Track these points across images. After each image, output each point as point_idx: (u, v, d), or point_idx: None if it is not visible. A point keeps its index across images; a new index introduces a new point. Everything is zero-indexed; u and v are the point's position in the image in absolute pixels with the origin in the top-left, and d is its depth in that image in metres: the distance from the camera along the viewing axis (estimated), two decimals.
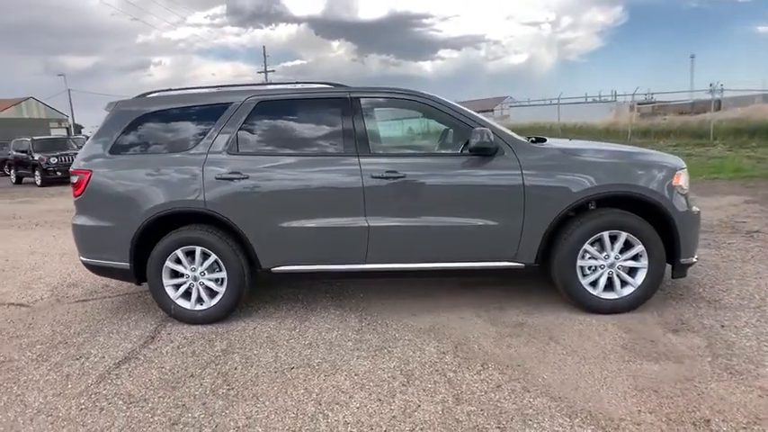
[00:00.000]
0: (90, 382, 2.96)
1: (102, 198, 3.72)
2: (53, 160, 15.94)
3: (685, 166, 3.70)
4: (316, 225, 3.59)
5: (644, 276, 3.54)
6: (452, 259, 3.64)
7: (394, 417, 2.50)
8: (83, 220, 3.78)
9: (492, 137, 3.42)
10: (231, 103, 3.71)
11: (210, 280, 3.70)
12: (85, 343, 3.51)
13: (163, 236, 3.67)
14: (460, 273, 3.73)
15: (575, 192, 3.45)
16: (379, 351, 3.22)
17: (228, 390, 2.82)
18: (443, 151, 3.77)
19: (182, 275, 3.71)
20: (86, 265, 3.90)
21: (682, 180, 3.54)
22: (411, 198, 3.57)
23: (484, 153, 3.47)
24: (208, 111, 3.74)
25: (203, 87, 3.93)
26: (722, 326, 3.32)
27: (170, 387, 2.87)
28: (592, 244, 3.53)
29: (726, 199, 7.84)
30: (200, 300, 3.73)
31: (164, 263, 3.67)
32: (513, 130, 3.86)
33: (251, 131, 3.69)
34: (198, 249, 3.65)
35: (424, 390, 2.73)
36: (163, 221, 3.66)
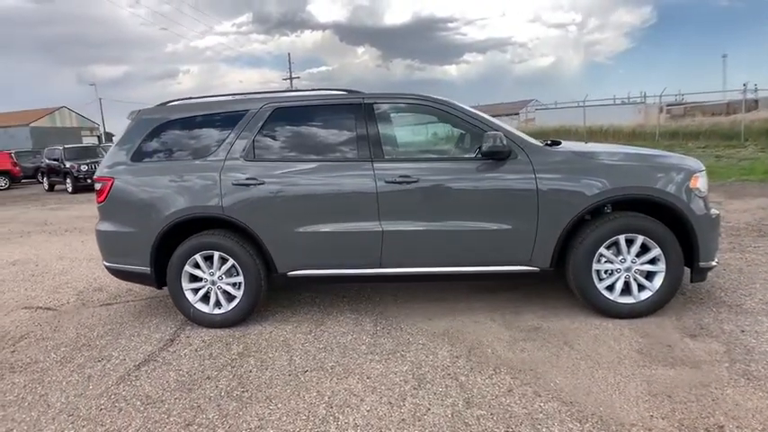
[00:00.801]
0: (110, 383, 3.06)
1: (124, 204, 3.84)
2: (84, 168, 16.40)
3: (704, 168, 3.62)
4: (330, 230, 3.64)
5: (661, 280, 3.48)
6: (466, 263, 3.64)
7: (403, 420, 2.51)
8: (106, 226, 3.91)
9: (504, 141, 3.41)
10: (248, 110, 3.80)
11: (228, 284, 3.78)
12: (108, 345, 3.62)
13: (182, 241, 3.77)
14: (475, 277, 3.73)
15: (589, 195, 3.42)
16: (393, 355, 3.24)
17: (243, 392, 2.88)
18: (457, 156, 3.77)
19: (200, 280, 3.80)
20: (109, 269, 4.03)
21: (700, 183, 3.48)
22: (424, 203, 3.58)
23: (496, 157, 3.47)
24: (226, 118, 3.83)
25: (222, 95, 4.01)
26: (742, 331, 3.23)
27: (186, 389, 2.94)
28: (608, 248, 3.49)
29: (755, 201, 7.62)
30: (218, 304, 3.81)
31: (183, 267, 3.76)
32: (538, 134, 3.88)
33: (267, 138, 3.76)
34: (216, 254, 3.73)
35: (434, 393, 2.74)
36: (182, 227, 3.76)
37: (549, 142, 4.13)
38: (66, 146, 18.67)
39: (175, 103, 4.02)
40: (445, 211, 3.57)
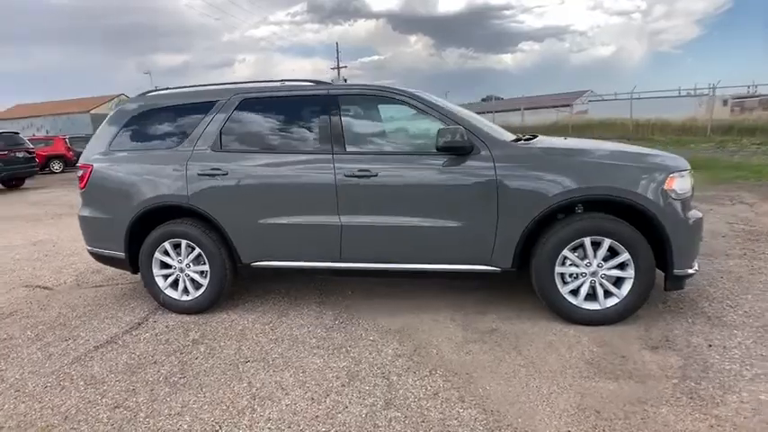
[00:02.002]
0: (65, 362, 3.21)
1: (101, 191, 4.00)
2: None
3: (685, 168, 3.35)
4: (291, 222, 3.64)
5: (630, 287, 3.27)
6: (426, 261, 3.55)
7: (316, 417, 2.49)
8: (86, 212, 4.09)
9: (464, 135, 3.29)
10: (217, 101, 3.85)
11: (195, 272, 3.87)
12: (81, 326, 3.80)
13: (154, 228, 3.88)
14: (436, 275, 3.63)
15: (552, 194, 3.25)
16: (338, 350, 3.22)
17: (180, 378, 2.95)
18: (419, 150, 3.66)
19: (170, 267, 3.91)
20: (91, 253, 4.21)
21: (677, 184, 3.22)
22: (383, 197, 3.52)
23: (456, 152, 3.35)
24: (196, 108, 3.89)
25: (198, 86, 4.08)
26: (710, 345, 2.99)
27: (130, 372, 3.05)
28: (573, 250, 3.31)
29: None
30: (186, 291, 3.91)
31: (154, 254, 3.88)
32: (582, 126, 3.76)
33: (233, 129, 3.80)
34: (183, 242, 3.82)
35: (359, 392, 2.70)
36: (153, 214, 3.87)
37: (527, 137, 3.97)
38: None
39: (154, 93, 4.13)
40: (404, 207, 3.49)
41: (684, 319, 3.38)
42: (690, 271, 3.29)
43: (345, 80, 40.81)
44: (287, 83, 3.88)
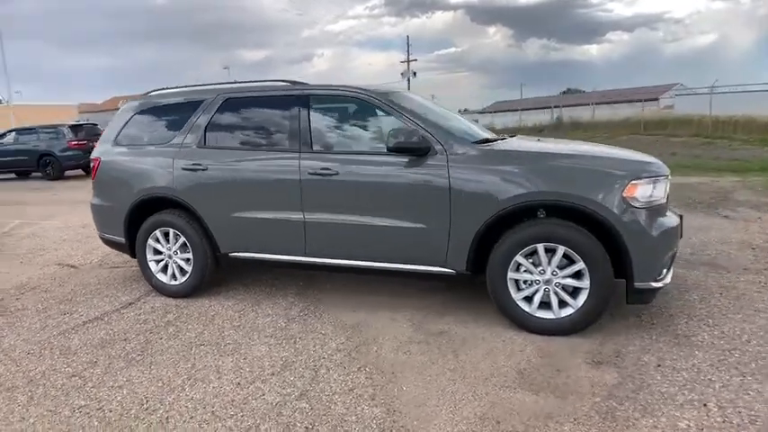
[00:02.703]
0: (54, 333, 3.61)
1: (106, 182, 4.41)
2: None
3: (656, 174, 3.14)
4: (262, 216, 3.83)
5: (585, 298, 3.12)
6: (384, 259, 3.59)
7: (232, 401, 2.65)
8: (96, 200, 4.53)
9: (416, 136, 3.29)
10: (204, 99, 4.10)
11: (182, 259, 4.17)
12: (83, 302, 4.23)
13: (148, 217, 4.23)
14: (394, 274, 3.66)
15: (503, 198, 3.18)
16: (288, 340, 3.36)
17: (138, 355, 3.23)
18: (379, 150, 3.69)
19: (161, 253, 4.24)
20: (101, 238, 4.65)
21: (640, 191, 3.02)
22: (343, 196, 3.60)
23: (408, 152, 3.36)
24: (187, 107, 4.18)
25: (192, 86, 4.36)
26: (659, 365, 2.81)
27: (101, 346, 3.38)
28: (528, 256, 3.22)
29: None
30: (174, 276, 4.22)
31: (147, 240, 4.23)
32: (655, 123, 3.74)
33: (216, 126, 4.04)
34: (171, 231, 4.14)
35: (283, 381, 2.83)
36: (148, 204, 4.21)
37: (503, 137, 3.89)
38: None
39: (155, 92, 4.47)
40: (363, 206, 3.56)
41: (649, 335, 3.18)
42: (654, 285, 3.09)
43: (414, 74, 39.89)
44: (267, 83, 4.05)
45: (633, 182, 3.03)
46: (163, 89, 4.50)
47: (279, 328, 3.56)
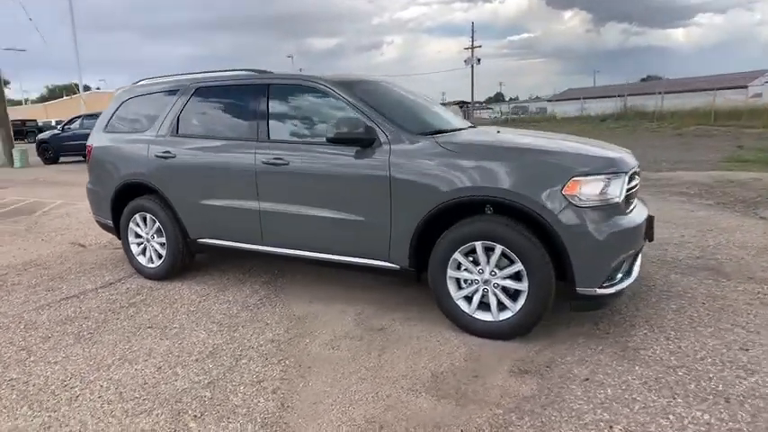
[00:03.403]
0: (30, 308, 3.87)
1: (96, 167, 4.66)
2: None
3: (609, 171, 2.86)
4: (222, 205, 3.89)
5: (524, 301, 2.93)
6: (332, 252, 3.54)
7: (144, 384, 2.73)
8: (90, 185, 4.79)
9: (358, 127, 3.19)
10: (179, 89, 4.21)
11: (158, 243, 4.34)
12: (72, 280, 4.51)
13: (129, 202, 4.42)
14: (344, 266, 3.59)
15: (441, 193, 3.03)
16: (229, 328, 3.41)
17: (89, 333, 3.39)
18: (325, 140, 3.59)
19: (140, 236, 4.43)
20: (96, 220, 4.92)
21: (583, 188, 2.77)
22: (293, 186, 3.58)
23: (350, 143, 3.28)
24: (164, 96, 4.30)
25: (172, 75, 4.48)
26: (586, 379, 2.58)
27: (63, 323, 3.58)
28: (468, 254, 3.06)
29: None
30: (151, 259, 4.40)
31: (128, 224, 4.44)
32: (728, 113, 3.55)
33: (187, 115, 4.13)
34: (148, 216, 4.30)
35: (201, 369, 2.87)
36: (129, 189, 4.40)
37: (470, 126, 3.72)
38: None
39: (142, 82, 4.64)
40: (310, 196, 3.52)
41: (596, 345, 2.93)
42: (600, 291, 2.83)
43: (479, 60, 39.08)
44: (236, 72, 4.07)
45: (576, 178, 2.77)
46: (150, 78, 4.65)
47: (229, 315, 3.61)
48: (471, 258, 3.06)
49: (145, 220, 4.36)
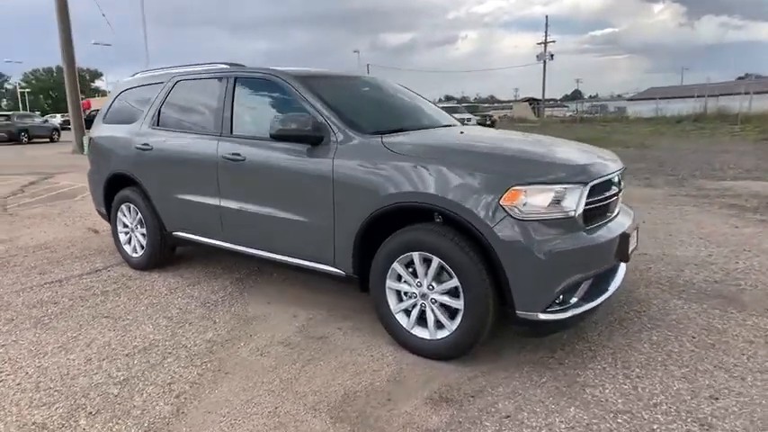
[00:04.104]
0: (14, 290, 4.05)
1: (94, 157, 4.82)
2: None
3: (560, 180, 2.51)
4: (191, 199, 3.88)
5: (460, 320, 2.65)
6: (285, 253, 3.42)
7: (65, 375, 2.73)
8: (89, 174, 4.97)
9: (303, 124, 3.02)
10: (162, 82, 4.24)
11: (140, 234, 4.42)
12: (68, 265, 4.70)
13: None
14: (297, 269, 3.44)
15: (379, 197, 2.81)
16: (177, 324, 3.37)
17: (49, 319, 3.48)
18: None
19: (127, 226, 4.53)
20: (95, 209, 5.10)
21: (524, 199, 2.45)
22: (248, 183, 3.49)
23: (293, 140, 3.13)
24: (151, 88, 4.36)
25: (162, 68, 4.52)
26: (507, 416, 2.28)
27: (33, 306, 3.71)
28: (409, 265, 2.82)
29: None
30: (135, 249, 4.49)
31: (117, 214, 4.55)
32: None
33: (167, 108, 4.16)
34: (131, 206, 4.39)
35: (123, 365, 2.84)
36: (117, 180, 4.51)
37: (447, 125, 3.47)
38: None
39: (138, 74, 4.73)
40: (264, 195, 3.41)
41: (540, 377, 2.60)
42: (544, 317, 2.49)
43: (552, 56, 37.80)
44: (212, 66, 4.03)
45: (516, 187, 2.45)
46: (146, 71, 4.74)
47: (185, 311, 3.59)
48: (411, 270, 2.81)
49: (130, 210, 4.44)
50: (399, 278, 2.86)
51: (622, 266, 3.20)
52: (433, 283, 2.72)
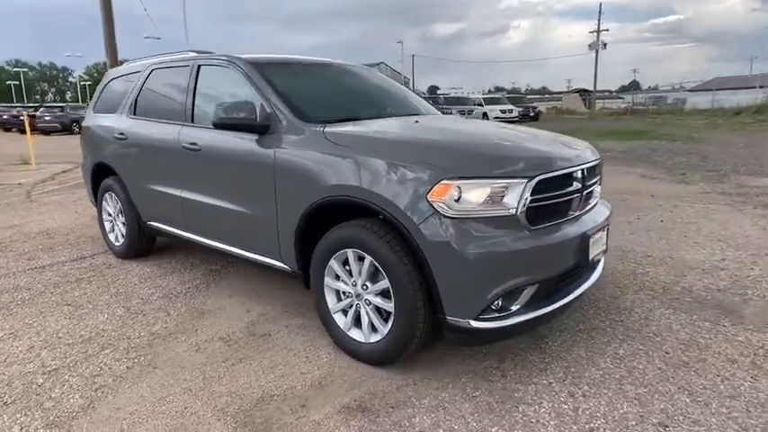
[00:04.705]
0: (3, 273, 4.17)
1: (84, 147, 4.89)
2: None
3: (500, 174, 2.26)
4: (158, 189, 3.84)
5: (391, 323, 2.46)
6: (238, 246, 3.32)
7: (3, 362, 2.74)
8: (82, 163, 5.05)
9: (248, 113, 2.88)
10: (140, 71, 4.23)
11: (121, 223, 4.44)
12: (58, 251, 4.80)
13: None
14: (251, 262, 3.33)
15: (314, 190, 2.65)
16: (131, 315, 3.34)
17: (15, 305, 3.53)
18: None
19: (111, 215, 4.58)
20: (89, 199, 5.19)
21: (456, 194, 2.21)
22: (203, 173, 3.40)
23: (236, 129, 3.00)
24: (132, 77, 4.35)
25: (144, 58, 4.51)
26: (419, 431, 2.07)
27: (5, 291, 3.79)
28: (345, 263, 2.65)
29: None
30: (117, 237, 4.53)
31: (102, 203, 4.61)
32: None
33: (142, 97, 4.14)
34: (113, 196, 4.42)
35: (61, 354, 2.82)
36: (101, 169, 4.54)
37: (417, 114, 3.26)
38: None
39: (125, 65, 4.75)
40: (218, 185, 3.31)
41: (472, 389, 2.38)
42: (477, 324, 2.26)
43: (605, 45, 36.18)
44: (185, 54, 3.96)
45: (446, 182, 2.22)
46: (134, 61, 4.75)
47: (145, 302, 3.56)
48: (349, 268, 2.64)
49: (112, 199, 4.48)
50: (338, 277, 2.70)
51: (598, 270, 2.91)
52: (368, 283, 2.54)
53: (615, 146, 13.52)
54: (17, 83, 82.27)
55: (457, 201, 2.21)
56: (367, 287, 2.54)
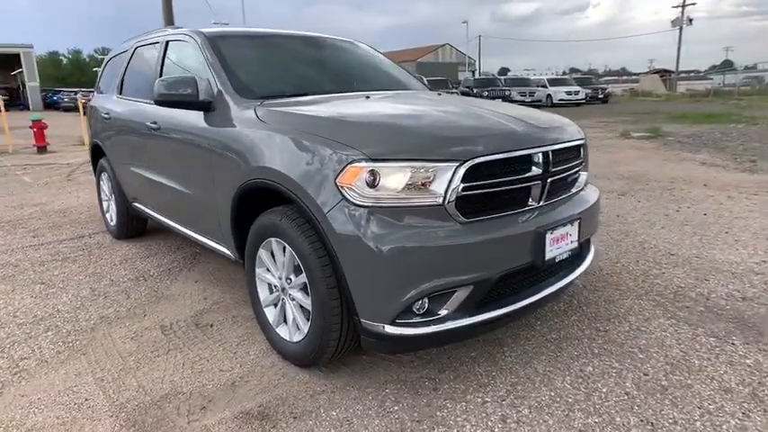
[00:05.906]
0: (3, 250, 4.31)
1: (88, 127, 4.95)
2: None
3: (414, 156, 1.92)
4: (134, 170, 3.78)
5: (310, 323, 2.20)
6: (191, 228, 3.18)
7: None
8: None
9: (187, 88, 2.68)
10: (127, 50, 4.17)
11: (113, 203, 4.46)
12: (63, 229, 4.93)
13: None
14: (207, 248, 3.17)
15: (241, 173, 2.42)
16: (94, 296, 3.30)
17: (8, 283, 3.59)
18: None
19: (107, 195, 4.61)
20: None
21: (371, 179, 1.90)
22: (160, 153, 3.28)
23: (177, 106, 2.81)
24: (123, 56, 4.31)
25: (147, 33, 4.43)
26: None
27: None
28: (274, 253, 2.41)
29: None
30: (112, 218, 4.56)
31: (99, 184, 4.65)
32: None
33: (127, 75, 4.08)
34: (107, 175, 4.44)
35: (5, 334, 2.81)
36: (96, 149, 4.57)
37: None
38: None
39: (124, 43, 4.72)
40: (170, 165, 3.17)
41: (392, 402, 2.08)
42: (392, 330, 1.95)
43: (691, 21, 33.52)
44: (163, 31, 3.84)
45: (356, 164, 1.91)
46: (128, 39, 4.71)
47: (112, 284, 3.52)
48: (276, 258, 2.40)
49: (106, 179, 4.50)
50: (268, 268, 2.46)
51: (577, 271, 2.49)
52: (291, 276, 2.29)
53: (681, 129, 12.28)
54: None
55: (373, 187, 1.90)
56: (290, 281, 2.29)
